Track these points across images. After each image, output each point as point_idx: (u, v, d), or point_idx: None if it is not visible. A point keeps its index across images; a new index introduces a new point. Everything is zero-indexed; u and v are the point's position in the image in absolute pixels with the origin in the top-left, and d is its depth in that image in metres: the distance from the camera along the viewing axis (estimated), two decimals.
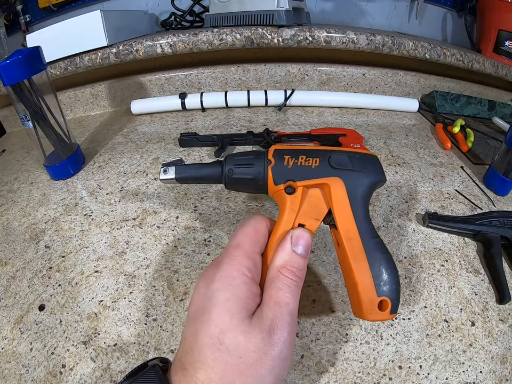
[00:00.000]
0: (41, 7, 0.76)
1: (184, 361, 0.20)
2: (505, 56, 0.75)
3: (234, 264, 0.22)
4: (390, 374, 0.28)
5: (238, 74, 0.72)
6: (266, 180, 0.26)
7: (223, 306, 0.20)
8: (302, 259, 0.23)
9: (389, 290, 0.23)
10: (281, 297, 0.21)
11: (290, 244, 0.23)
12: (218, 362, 0.19)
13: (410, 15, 0.87)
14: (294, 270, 0.23)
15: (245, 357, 0.19)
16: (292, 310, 0.21)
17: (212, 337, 0.19)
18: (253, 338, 0.19)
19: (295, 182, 0.25)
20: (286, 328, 0.20)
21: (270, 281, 0.22)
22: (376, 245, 0.24)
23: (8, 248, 0.41)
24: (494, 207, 0.46)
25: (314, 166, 0.26)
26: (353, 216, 0.25)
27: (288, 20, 0.60)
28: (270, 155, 0.26)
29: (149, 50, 0.63)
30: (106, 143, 0.61)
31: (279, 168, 0.26)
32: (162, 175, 0.28)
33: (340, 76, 0.73)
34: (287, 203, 0.25)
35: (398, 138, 0.61)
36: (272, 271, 0.23)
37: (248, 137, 0.56)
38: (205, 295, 0.21)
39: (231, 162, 0.27)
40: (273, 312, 0.21)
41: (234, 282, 0.21)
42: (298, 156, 0.26)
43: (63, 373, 0.28)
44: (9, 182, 0.53)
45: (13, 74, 0.41)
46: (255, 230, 0.24)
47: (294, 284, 0.22)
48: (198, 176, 0.28)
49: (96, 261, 0.38)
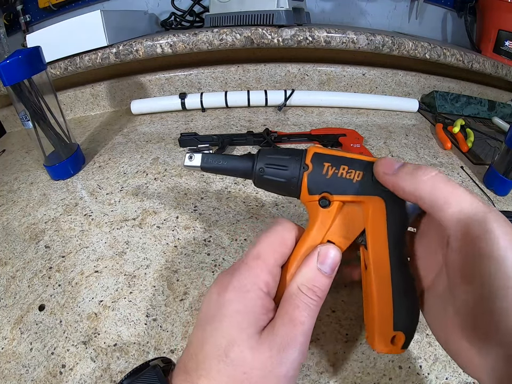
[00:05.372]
0: (41, 7, 0.76)
1: (187, 365, 0.20)
2: (505, 56, 0.75)
3: (250, 276, 0.21)
4: (390, 374, 0.28)
5: (238, 74, 0.72)
6: (300, 186, 0.23)
7: (233, 319, 0.19)
8: (326, 279, 0.22)
9: (406, 326, 0.22)
10: (297, 315, 0.20)
11: (316, 260, 0.22)
12: (222, 374, 0.18)
13: (410, 15, 0.87)
14: (316, 289, 0.21)
15: (249, 373, 0.18)
16: (306, 330, 0.20)
17: (218, 348, 0.19)
18: (260, 355, 0.19)
19: (331, 195, 0.23)
20: (297, 348, 0.19)
21: (288, 297, 0.21)
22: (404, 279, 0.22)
23: (8, 248, 0.41)
24: (494, 207, 0.46)
25: (356, 180, 0.23)
26: (388, 243, 0.22)
27: (288, 20, 0.60)
28: (308, 159, 0.23)
29: (149, 50, 0.63)
30: (106, 143, 0.61)
31: (317, 176, 0.23)
32: (187, 161, 0.25)
33: (340, 76, 0.73)
34: (319, 216, 0.23)
35: (398, 138, 0.61)
36: (292, 287, 0.21)
37: (248, 137, 0.56)
38: (216, 303, 0.20)
39: (263, 160, 0.24)
40: (286, 330, 0.20)
41: (248, 295, 0.20)
42: (340, 166, 0.23)
43: (63, 373, 0.28)
44: (9, 182, 0.53)
45: (13, 74, 0.41)
46: (281, 241, 0.22)
47: (313, 304, 0.21)
48: (225, 168, 0.26)
49: (96, 261, 0.38)
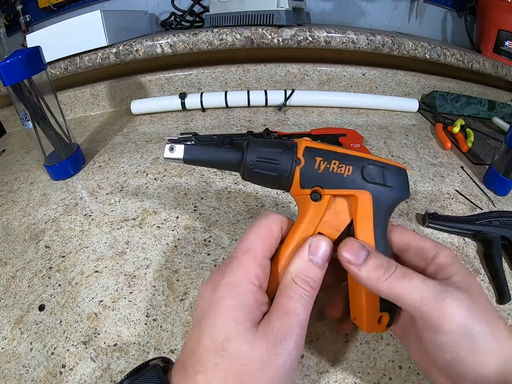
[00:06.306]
0: (41, 7, 0.76)
1: (185, 363, 0.20)
2: (505, 56, 0.75)
3: (241, 271, 0.21)
4: (390, 374, 0.28)
5: (238, 74, 0.72)
6: (291, 180, 0.23)
7: (228, 315, 0.20)
8: (318, 269, 0.22)
9: (390, 307, 0.23)
10: (292, 307, 0.20)
11: (308, 252, 0.22)
12: (220, 368, 0.18)
13: (410, 15, 0.87)
14: (308, 280, 0.21)
15: (247, 365, 0.18)
16: (302, 321, 0.20)
17: (215, 343, 0.19)
18: (257, 347, 0.19)
19: (323, 189, 0.23)
20: (293, 340, 0.19)
21: (282, 289, 0.21)
22: None
23: (8, 248, 0.41)
24: (494, 207, 0.46)
25: (347, 175, 0.23)
26: (374, 233, 0.23)
27: (288, 20, 0.60)
28: (300, 153, 0.23)
29: (149, 50, 0.63)
30: (106, 143, 0.61)
31: (309, 170, 0.23)
32: (167, 153, 0.24)
33: (340, 76, 0.73)
34: (310, 209, 0.23)
35: (398, 138, 0.61)
36: (285, 279, 0.22)
37: (248, 137, 0.56)
38: (210, 300, 0.21)
39: (254, 153, 0.23)
40: (281, 322, 0.20)
41: (240, 290, 0.20)
42: (331, 160, 0.23)
43: (63, 373, 0.28)
44: (9, 182, 0.53)
45: (13, 74, 0.41)
46: (268, 232, 0.23)
47: (307, 295, 0.21)
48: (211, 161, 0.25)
49: (96, 261, 0.38)
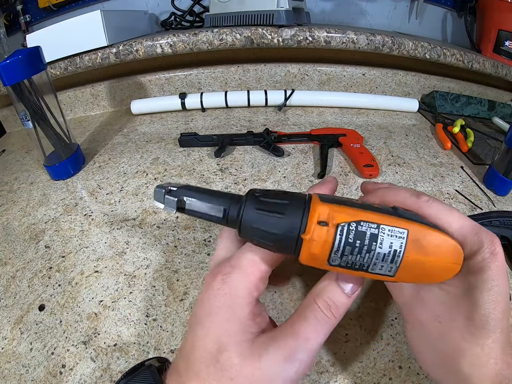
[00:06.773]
0: (41, 7, 0.76)
1: (179, 366, 0.20)
2: (505, 56, 0.75)
3: (244, 283, 0.20)
4: (390, 374, 0.28)
5: (238, 74, 0.72)
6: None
7: (223, 326, 0.19)
8: (345, 297, 0.20)
9: None
10: (303, 329, 0.19)
11: (337, 276, 0.20)
12: (211, 378, 0.18)
13: (410, 15, 0.87)
14: (331, 303, 0.19)
15: (236, 380, 0.18)
16: (310, 348, 0.18)
17: (209, 352, 0.19)
18: (249, 363, 0.18)
19: None
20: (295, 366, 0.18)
21: (299, 308, 0.20)
22: None
23: (8, 248, 0.41)
24: (494, 207, 0.46)
25: None
26: None
27: (288, 20, 0.60)
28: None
29: (149, 50, 0.63)
30: (106, 143, 0.61)
31: None
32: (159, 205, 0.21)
33: (340, 76, 0.73)
34: None
35: (398, 138, 0.61)
36: (306, 299, 0.20)
37: (248, 137, 0.56)
38: (206, 308, 0.20)
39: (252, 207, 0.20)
40: (286, 343, 0.18)
41: (238, 301, 0.19)
42: None
43: (63, 373, 0.28)
44: (9, 182, 0.53)
45: (13, 74, 0.41)
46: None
47: (325, 320, 0.19)
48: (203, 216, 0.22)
49: (96, 261, 0.38)
